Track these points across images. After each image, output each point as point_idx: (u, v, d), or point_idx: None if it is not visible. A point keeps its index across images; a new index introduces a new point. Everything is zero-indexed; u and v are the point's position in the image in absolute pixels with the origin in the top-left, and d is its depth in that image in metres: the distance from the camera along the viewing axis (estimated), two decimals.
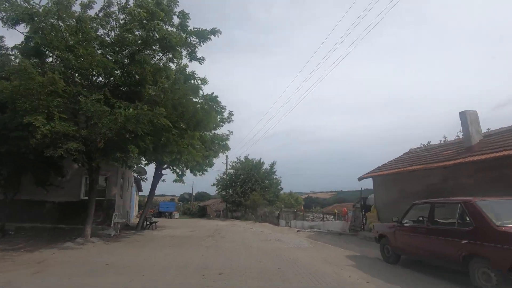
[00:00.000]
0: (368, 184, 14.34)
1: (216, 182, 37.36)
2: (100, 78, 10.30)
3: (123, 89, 10.52)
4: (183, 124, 10.61)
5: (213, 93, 10.40)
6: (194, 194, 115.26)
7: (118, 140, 9.13)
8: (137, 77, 10.20)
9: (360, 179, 13.46)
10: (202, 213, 61.25)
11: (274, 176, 36.59)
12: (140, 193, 42.01)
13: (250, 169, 35.19)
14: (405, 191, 11.25)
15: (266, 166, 36.44)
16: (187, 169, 16.94)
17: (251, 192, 33.53)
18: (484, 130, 11.31)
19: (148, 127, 9.30)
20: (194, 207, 65.17)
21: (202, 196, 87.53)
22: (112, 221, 13.19)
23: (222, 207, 53.15)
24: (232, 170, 36.92)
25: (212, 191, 38.39)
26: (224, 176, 37.43)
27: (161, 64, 10.79)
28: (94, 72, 9.39)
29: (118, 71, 9.84)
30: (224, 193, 36.78)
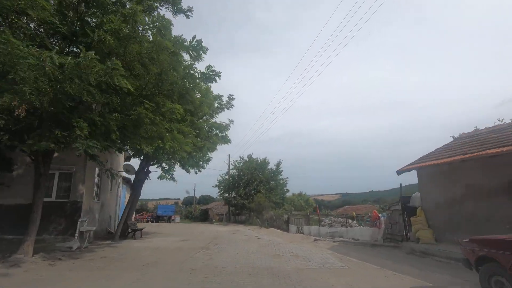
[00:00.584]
0: (405, 180, 11.15)
1: (217, 183, 34.23)
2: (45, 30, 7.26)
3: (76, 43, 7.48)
4: (160, 93, 7.57)
5: (194, 36, 7.17)
6: (198, 197, 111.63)
7: (57, 111, 6.09)
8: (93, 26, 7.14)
9: (399, 172, 10.23)
10: (204, 217, 58.21)
11: (281, 177, 33.35)
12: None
13: (254, 169, 32.01)
14: (474, 186, 8.03)
15: (271, 165, 33.26)
16: (175, 162, 13.77)
17: (256, 194, 30.35)
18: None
19: (104, 96, 6.26)
20: (196, 210, 61.97)
21: (206, 200, 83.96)
22: (77, 230, 10.16)
23: (225, 210, 50.11)
24: (234, 171, 33.82)
25: (215, 193, 34.88)
26: (227, 177, 34.30)
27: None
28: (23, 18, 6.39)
29: (64, 18, 6.80)
30: (226, 195, 33.64)
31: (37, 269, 6.67)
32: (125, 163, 18.66)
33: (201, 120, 13.46)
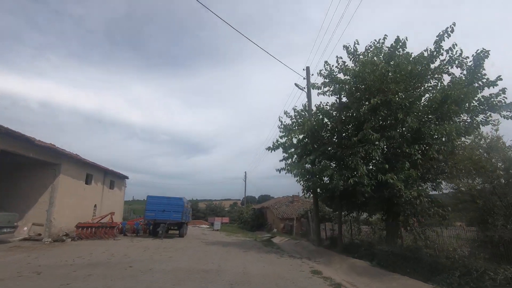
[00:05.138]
0: None
1: (280, 137, 12.05)
2: None
3: None
4: None
5: None
6: (257, 197, 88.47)
7: None
8: None
9: None
10: (258, 222, 36.56)
11: (505, 98, 9.55)
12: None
13: (388, 83, 9.44)
14: None
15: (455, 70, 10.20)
16: None
17: (413, 156, 8.09)
18: None
19: None
20: (248, 212, 41.05)
21: (266, 200, 62.16)
22: None
23: (295, 211, 28.04)
24: (327, 95, 11.40)
25: (277, 161, 12.96)
26: (304, 113, 12.16)
27: None
28: None
29: None
30: (307, 166, 11.51)
31: None
32: None
33: None
